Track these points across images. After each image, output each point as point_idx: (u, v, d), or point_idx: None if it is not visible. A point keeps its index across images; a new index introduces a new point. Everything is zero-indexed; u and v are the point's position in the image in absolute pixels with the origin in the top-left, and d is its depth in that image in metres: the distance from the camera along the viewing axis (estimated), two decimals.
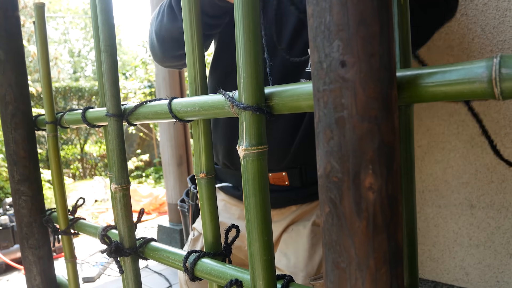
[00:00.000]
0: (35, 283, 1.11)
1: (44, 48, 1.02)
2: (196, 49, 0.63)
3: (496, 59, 0.33)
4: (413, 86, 0.37)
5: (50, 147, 1.04)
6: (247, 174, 0.50)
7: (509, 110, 1.16)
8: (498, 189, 1.22)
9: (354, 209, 0.34)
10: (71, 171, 8.56)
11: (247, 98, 0.49)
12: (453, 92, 0.36)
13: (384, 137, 0.34)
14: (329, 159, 0.35)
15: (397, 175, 0.35)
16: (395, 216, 0.35)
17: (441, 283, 1.39)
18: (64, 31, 14.09)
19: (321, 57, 0.34)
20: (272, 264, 0.52)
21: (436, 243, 1.38)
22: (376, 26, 0.32)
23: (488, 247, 1.27)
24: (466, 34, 1.17)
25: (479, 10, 1.14)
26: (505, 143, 1.18)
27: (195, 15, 0.62)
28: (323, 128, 0.35)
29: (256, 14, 0.49)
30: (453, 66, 0.36)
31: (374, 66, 0.33)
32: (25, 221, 1.08)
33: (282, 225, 1.06)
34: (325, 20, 0.33)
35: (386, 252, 0.35)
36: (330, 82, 0.34)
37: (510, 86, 0.33)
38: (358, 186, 0.34)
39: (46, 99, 1.02)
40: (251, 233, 0.51)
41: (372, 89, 0.33)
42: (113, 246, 0.77)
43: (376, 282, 0.35)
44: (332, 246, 0.36)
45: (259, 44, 0.49)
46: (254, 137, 0.50)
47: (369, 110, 0.33)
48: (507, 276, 1.24)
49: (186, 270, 0.66)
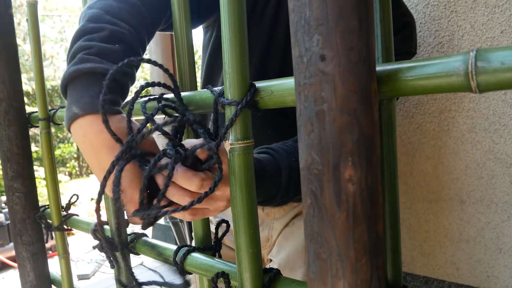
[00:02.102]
0: (29, 279, 1.11)
1: (37, 45, 1.03)
2: (185, 44, 0.64)
3: (472, 53, 0.34)
4: (393, 80, 0.38)
5: (43, 144, 1.04)
6: (233, 168, 0.51)
7: (498, 106, 1.17)
8: (487, 184, 1.23)
9: (334, 201, 0.35)
10: (67, 169, 8.54)
11: (233, 93, 0.50)
12: (431, 86, 0.36)
13: (363, 129, 0.34)
14: (310, 151, 0.36)
15: (377, 167, 0.36)
16: (375, 208, 0.36)
17: (432, 279, 1.40)
18: (60, 30, 14.04)
19: (301, 51, 0.35)
20: (259, 257, 0.53)
21: (427, 239, 1.39)
22: (355, 21, 0.33)
23: (478, 242, 1.28)
24: (456, 31, 1.18)
25: (469, 7, 1.15)
26: (495, 139, 1.19)
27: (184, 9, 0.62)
28: (304, 121, 0.36)
29: (242, 10, 0.49)
30: (432, 60, 0.36)
31: (353, 60, 0.33)
32: (19, 217, 1.09)
33: (285, 221, 1.06)
34: (305, 15, 0.34)
35: (366, 243, 0.36)
36: (310, 76, 0.35)
37: (485, 79, 0.33)
38: (338, 178, 0.35)
39: (39, 96, 1.03)
40: (237, 226, 0.52)
41: (351, 82, 0.33)
42: (104, 241, 0.78)
43: (356, 272, 0.36)
44: (314, 237, 0.37)
45: (245, 40, 0.50)
46: (240, 132, 0.50)
47: (348, 103, 0.34)
48: (497, 271, 1.25)
49: (176, 264, 0.66)
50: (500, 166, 1.20)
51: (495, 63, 0.32)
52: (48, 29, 13.47)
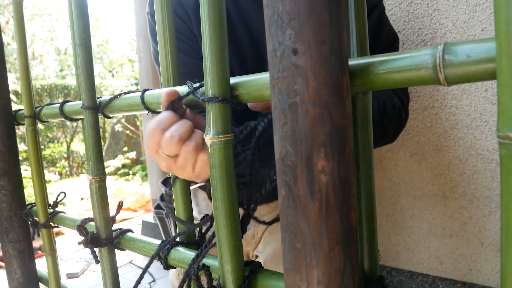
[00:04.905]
0: (16, 277, 1.11)
1: (23, 43, 1.02)
2: (168, 41, 0.65)
3: (440, 47, 0.35)
4: (366, 74, 0.39)
5: (29, 141, 1.04)
6: (214, 162, 0.52)
7: (479, 103, 1.19)
8: (470, 180, 1.25)
9: (308, 191, 0.36)
10: (57, 169, 8.49)
11: (213, 88, 0.50)
12: (402, 79, 0.37)
13: (335, 121, 0.35)
14: (284, 143, 0.36)
15: (349, 158, 0.37)
16: (347, 198, 0.37)
17: (416, 273, 1.42)
18: (50, 29, 13.93)
19: (275, 45, 0.36)
20: (240, 250, 0.54)
21: (411, 234, 1.41)
22: (326, 15, 0.34)
23: (461, 237, 1.30)
24: (438, 28, 1.20)
25: (450, 5, 1.16)
26: (476, 136, 1.21)
27: (167, 7, 0.63)
28: (278, 114, 0.37)
29: (222, 5, 0.50)
30: (403, 54, 0.37)
31: (324, 54, 0.34)
32: (5, 215, 1.08)
33: (271, 217, 1.07)
34: (278, 10, 0.35)
35: (339, 232, 0.37)
36: (284, 69, 0.35)
37: (453, 72, 0.34)
38: (310, 169, 0.35)
39: (25, 93, 1.03)
40: (219, 219, 0.53)
41: (322, 75, 0.34)
42: (89, 236, 0.78)
43: (330, 261, 0.37)
44: (289, 228, 0.38)
45: (225, 35, 0.50)
46: (220, 126, 0.51)
47: (320, 96, 0.35)
48: (479, 265, 1.28)
49: (160, 259, 0.67)
50: (481, 162, 1.22)
51: (461, 56, 0.34)
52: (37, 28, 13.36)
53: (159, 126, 0.56)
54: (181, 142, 0.56)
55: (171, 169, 0.60)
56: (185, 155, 0.57)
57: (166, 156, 0.58)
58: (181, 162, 0.58)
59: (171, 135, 0.55)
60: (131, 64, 7.44)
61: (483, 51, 0.32)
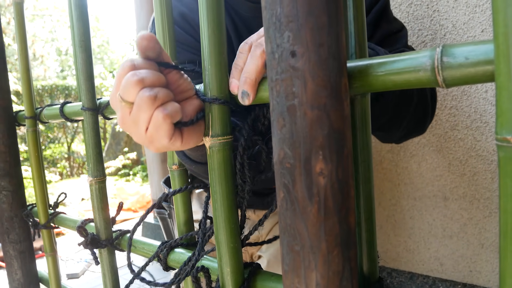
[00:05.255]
0: (16, 278, 1.11)
1: (24, 44, 1.03)
2: (168, 43, 0.65)
3: (438, 49, 0.35)
4: (364, 76, 0.39)
5: (30, 142, 1.04)
6: (213, 164, 0.52)
7: (479, 104, 1.19)
8: (470, 181, 1.25)
9: (306, 194, 0.36)
10: (58, 169, 8.50)
11: (212, 89, 0.50)
12: (401, 81, 0.37)
13: (333, 124, 0.35)
14: (282, 146, 0.36)
15: (348, 161, 0.36)
16: (346, 200, 0.37)
17: (417, 274, 1.42)
18: (51, 30, 13.95)
19: (273, 47, 0.36)
20: (239, 252, 0.54)
21: (411, 235, 1.40)
22: (324, 17, 0.34)
23: (461, 238, 1.30)
24: (438, 30, 1.20)
25: (450, 6, 1.16)
26: (476, 137, 1.21)
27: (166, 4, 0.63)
28: (276, 116, 0.37)
29: (220, 7, 0.50)
30: (402, 55, 0.37)
31: (322, 56, 0.34)
32: (6, 215, 1.08)
33: (275, 220, 1.08)
34: (276, 12, 0.35)
35: (337, 235, 0.37)
36: (282, 71, 0.35)
37: (451, 74, 0.34)
38: (309, 172, 0.35)
39: (26, 94, 1.03)
40: (218, 221, 0.53)
41: (320, 78, 0.34)
42: (89, 237, 0.79)
43: (328, 264, 0.37)
44: (287, 230, 0.38)
45: (224, 37, 0.50)
46: (219, 128, 0.51)
47: (318, 98, 0.35)
48: (479, 266, 1.28)
49: (160, 260, 0.67)
50: (482, 163, 1.22)
51: (460, 58, 0.34)
52: (38, 28, 13.38)
53: (132, 65, 0.49)
54: (139, 85, 0.47)
55: (124, 122, 0.51)
56: (138, 103, 0.48)
57: (121, 100, 0.49)
58: (134, 112, 0.49)
59: (133, 74, 0.47)
60: None
61: (481, 53, 0.32)
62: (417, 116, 0.84)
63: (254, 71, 0.47)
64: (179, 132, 0.51)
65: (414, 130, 0.87)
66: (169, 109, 0.48)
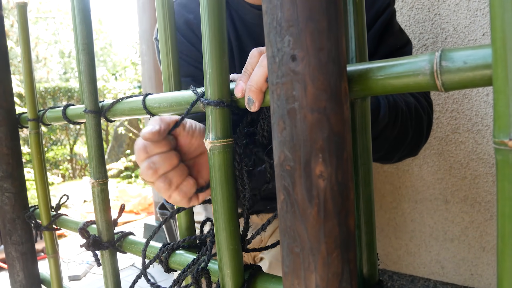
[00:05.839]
0: (18, 279, 1.12)
1: (27, 46, 1.03)
2: (170, 46, 0.65)
3: (437, 53, 0.35)
4: (364, 79, 0.39)
5: (32, 144, 1.05)
6: (213, 166, 0.52)
7: (481, 107, 1.19)
8: (471, 184, 1.25)
9: (306, 196, 0.36)
10: (60, 171, 8.51)
11: (213, 93, 0.51)
12: (400, 85, 0.38)
13: (333, 127, 0.35)
14: (283, 148, 0.37)
15: (347, 163, 0.37)
16: (346, 203, 0.37)
17: (418, 277, 1.42)
18: (54, 32, 14.00)
19: (274, 51, 0.36)
20: (239, 253, 0.54)
21: (412, 238, 1.41)
22: (324, 22, 0.34)
23: (462, 241, 1.30)
24: (439, 33, 1.20)
25: (451, 10, 1.17)
26: (478, 140, 1.21)
27: (168, 8, 0.63)
28: (277, 119, 0.37)
29: (222, 12, 0.50)
30: (401, 60, 0.38)
31: (322, 60, 0.35)
32: (8, 217, 1.09)
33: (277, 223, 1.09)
34: (277, 17, 0.35)
35: (337, 237, 0.37)
36: (282, 75, 0.36)
37: (450, 78, 0.35)
38: (309, 174, 0.36)
39: (29, 96, 1.03)
40: (218, 223, 0.53)
41: (320, 81, 0.35)
42: (91, 239, 0.79)
43: (328, 266, 0.37)
44: (287, 232, 0.38)
45: (225, 41, 0.51)
46: (220, 131, 0.51)
47: (318, 102, 0.35)
48: (480, 269, 1.27)
49: (161, 262, 0.67)
50: (483, 166, 1.22)
51: (458, 62, 0.34)
52: (42, 31, 13.43)
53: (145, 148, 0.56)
54: (155, 176, 0.56)
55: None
56: (158, 188, 0.57)
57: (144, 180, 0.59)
58: (156, 189, 0.58)
59: (148, 166, 0.55)
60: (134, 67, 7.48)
61: (479, 58, 0.33)
62: (411, 147, 0.88)
63: (261, 81, 0.49)
64: (196, 196, 0.59)
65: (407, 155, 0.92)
66: (184, 190, 0.57)
